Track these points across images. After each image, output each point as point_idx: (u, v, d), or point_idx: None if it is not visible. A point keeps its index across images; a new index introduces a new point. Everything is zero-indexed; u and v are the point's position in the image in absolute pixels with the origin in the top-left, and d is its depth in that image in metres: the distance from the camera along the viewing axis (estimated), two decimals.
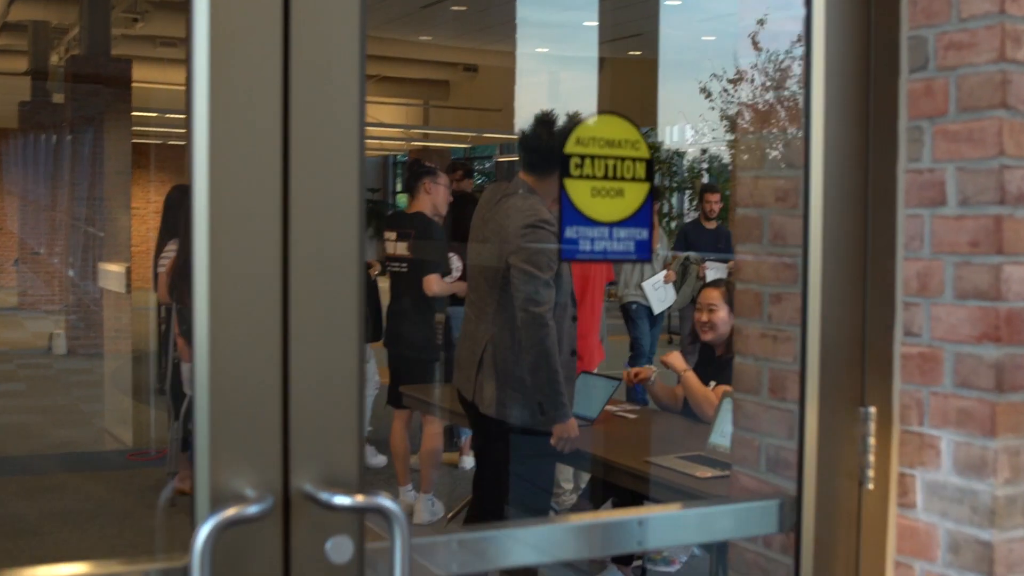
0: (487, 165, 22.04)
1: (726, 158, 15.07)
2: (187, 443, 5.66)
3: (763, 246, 2.03)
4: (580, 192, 1.55)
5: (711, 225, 7.93)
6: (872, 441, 1.68)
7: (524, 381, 3.60)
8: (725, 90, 13.82)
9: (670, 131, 16.13)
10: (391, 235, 5.58)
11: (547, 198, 3.60)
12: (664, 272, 7.28)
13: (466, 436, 6.22)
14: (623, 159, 1.59)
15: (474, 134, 19.00)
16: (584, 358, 5.44)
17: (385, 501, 1.27)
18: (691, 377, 4.32)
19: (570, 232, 1.55)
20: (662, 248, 7.48)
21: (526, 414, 3.65)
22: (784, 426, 1.99)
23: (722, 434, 3.80)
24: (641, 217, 1.62)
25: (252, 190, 1.24)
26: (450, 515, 5.30)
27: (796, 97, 2.04)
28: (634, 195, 1.61)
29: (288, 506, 1.28)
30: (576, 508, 4.91)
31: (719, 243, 7.77)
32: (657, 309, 7.19)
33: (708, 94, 13.72)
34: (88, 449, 7.34)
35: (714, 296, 4.40)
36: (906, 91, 1.71)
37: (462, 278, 5.68)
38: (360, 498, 1.27)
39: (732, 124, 13.67)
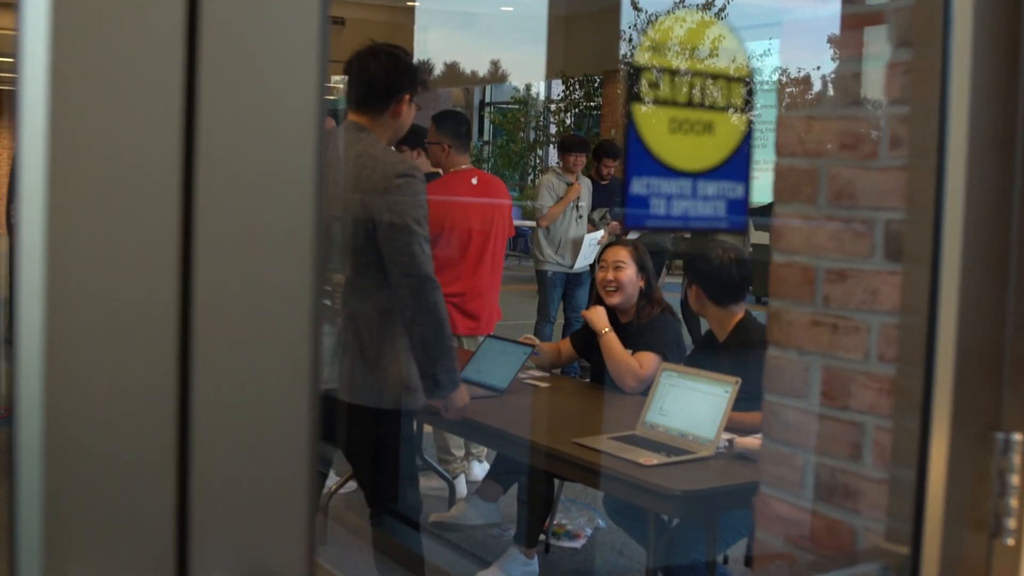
0: None
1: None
2: None
3: (818, 207, 1.57)
4: (655, 126, 0.99)
5: (604, 182, 7.58)
6: (1016, 480, 1.23)
7: (393, 356, 3.06)
8: None
9: (545, 85, 16.18)
10: None
11: (383, 139, 3.09)
12: (602, 233, 6.90)
13: None
14: (715, 77, 1.06)
15: (341, 86, 18.37)
16: (482, 318, 4.96)
17: None
18: (612, 339, 3.88)
19: (637, 186, 0.99)
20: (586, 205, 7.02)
21: (398, 392, 3.10)
22: (843, 443, 1.54)
23: (661, 412, 3.37)
24: (736, 165, 1.08)
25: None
26: (334, 488, 4.73)
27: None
28: (727, 132, 1.06)
29: None
30: (482, 492, 4.43)
31: (614, 199, 7.42)
32: (577, 265, 6.82)
33: None
34: None
35: (622, 253, 4.01)
36: None
37: None
38: None
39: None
